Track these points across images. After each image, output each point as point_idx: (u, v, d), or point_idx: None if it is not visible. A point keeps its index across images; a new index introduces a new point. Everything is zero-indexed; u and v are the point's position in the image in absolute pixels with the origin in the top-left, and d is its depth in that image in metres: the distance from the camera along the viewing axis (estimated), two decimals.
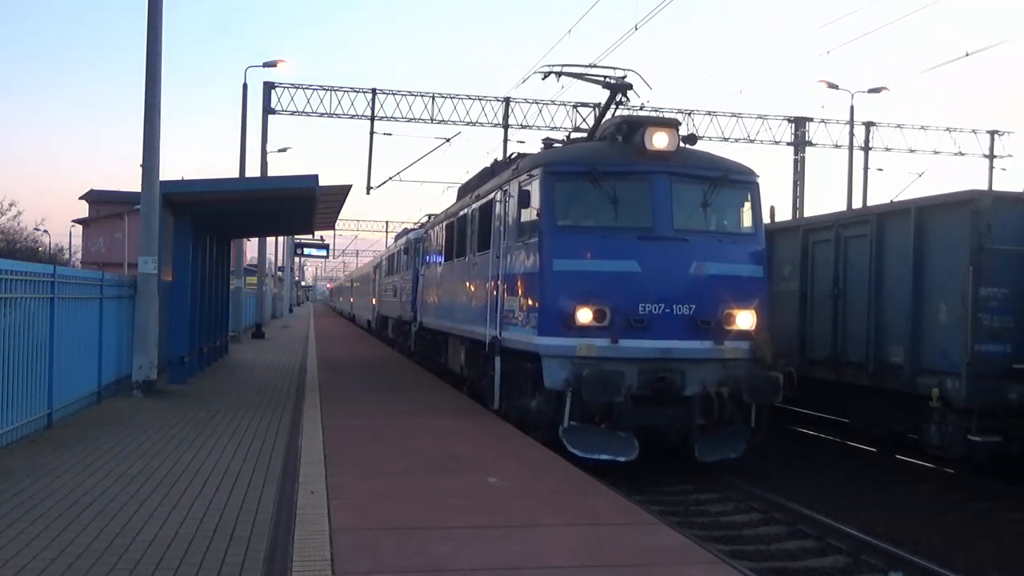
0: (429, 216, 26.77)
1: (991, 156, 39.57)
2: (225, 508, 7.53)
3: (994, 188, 23.27)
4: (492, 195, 14.10)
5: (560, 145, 13.92)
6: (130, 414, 13.00)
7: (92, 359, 13.66)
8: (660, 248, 11.24)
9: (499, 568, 6.03)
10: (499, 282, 13.13)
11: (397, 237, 34.14)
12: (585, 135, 14.61)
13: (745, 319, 11.40)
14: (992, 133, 39.71)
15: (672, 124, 11.86)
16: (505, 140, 35.35)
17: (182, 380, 17.11)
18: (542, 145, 14.38)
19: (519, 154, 14.75)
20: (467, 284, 15.94)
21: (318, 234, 43.46)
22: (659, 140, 11.50)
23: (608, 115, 13.66)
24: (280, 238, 50.02)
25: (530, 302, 11.63)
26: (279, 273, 60.24)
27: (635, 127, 11.86)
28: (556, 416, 10.97)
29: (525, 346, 11.74)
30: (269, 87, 34.59)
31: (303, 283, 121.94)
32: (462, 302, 16.35)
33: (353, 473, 9.01)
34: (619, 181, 11.47)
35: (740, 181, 12.05)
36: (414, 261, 24.91)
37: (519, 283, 12.19)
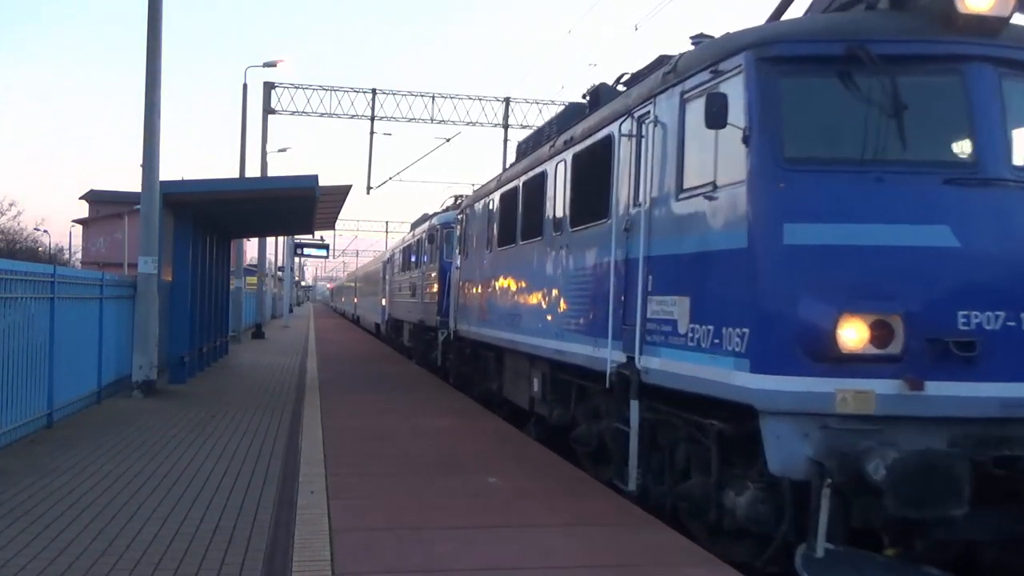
0: (457, 198, 23.08)
1: None
2: (225, 508, 7.52)
3: None
4: (608, 130, 9.15)
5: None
6: (130, 414, 12.99)
7: (92, 359, 13.66)
8: (993, 202, 6.27)
9: (499, 568, 6.03)
10: (632, 271, 8.12)
11: (415, 225, 29.16)
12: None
13: None
14: None
15: None
16: (505, 140, 35.36)
17: (182, 380, 17.12)
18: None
19: (665, 56, 8.85)
20: (550, 276, 10.80)
21: (318, 234, 43.42)
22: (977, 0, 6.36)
23: None
24: (280, 238, 50.02)
25: (726, 306, 6.63)
26: (279, 273, 60.23)
27: None
28: (789, 529, 6.27)
29: (709, 388, 6.76)
30: (269, 87, 34.59)
31: (303, 283, 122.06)
32: (538, 305, 11.31)
33: (353, 473, 9.01)
34: (906, 74, 6.43)
35: None
36: (441, 252, 20.79)
37: (689, 270, 7.17)
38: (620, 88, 9.89)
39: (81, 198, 79.85)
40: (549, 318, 10.77)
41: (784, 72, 6.56)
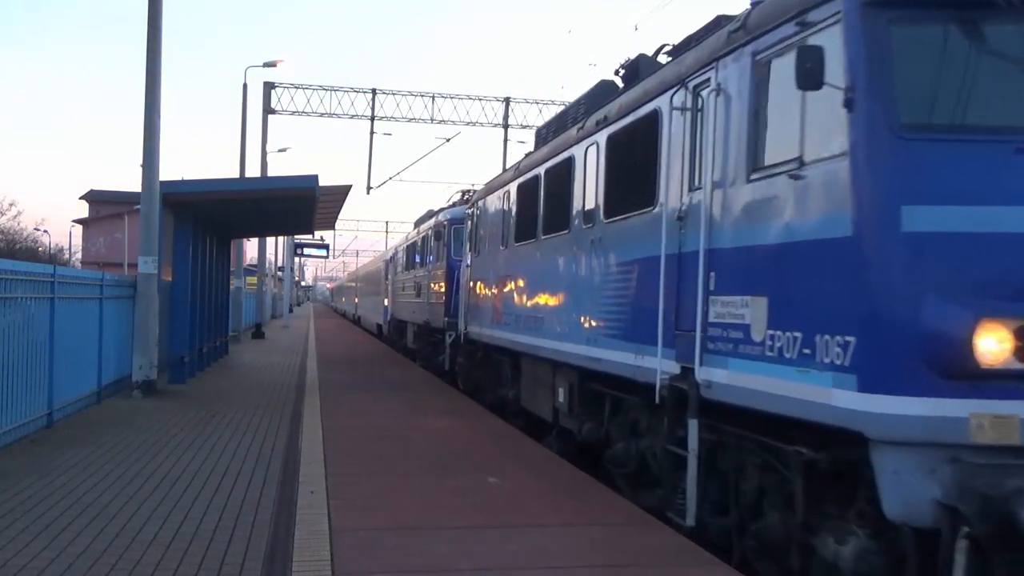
0: (465, 193, 22.08)
1: None
2: (225, 508, 7.52)
3: None
4: (654, 105, 7.98)
5: None
6: (130, 414, 12.99)
7: (92, 359, 13.66)
8: None
9: (499, 568, 6.02)
10: (688, 267, 7.08)
11: (419, 221, 27.46)
12: None
13: None
14: None
15: None
16: (505, 140, 35.39)
17: (182, 380, 17.12)
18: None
19: (724, 16, 7.68)
20: (579, 274, 9.74)
21: (318, 234, 43.42)
22: None
23: None
24: (280, 238, 50.02)
25: (820, 308, 5.48)
26: (279, 273, 60.24)
27: None
28: None
29: (797, 408, 5.63)
30: (269, 87, 34.60)
31: (303, 283, 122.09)
32: (564, 306, 10.24)
33: (353, 473, 9.00)
34: None
35: None
36: (449, 249, 19.79)
37: (767, 266, 6.07)
38: (663, 59, 8.84)
39: (81, 198, 79.96)
40: (578, 321, 9.62)
41: (897, 18, 5.30)
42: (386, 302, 33.69)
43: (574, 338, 9.74)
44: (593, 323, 9.22)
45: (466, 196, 21.37)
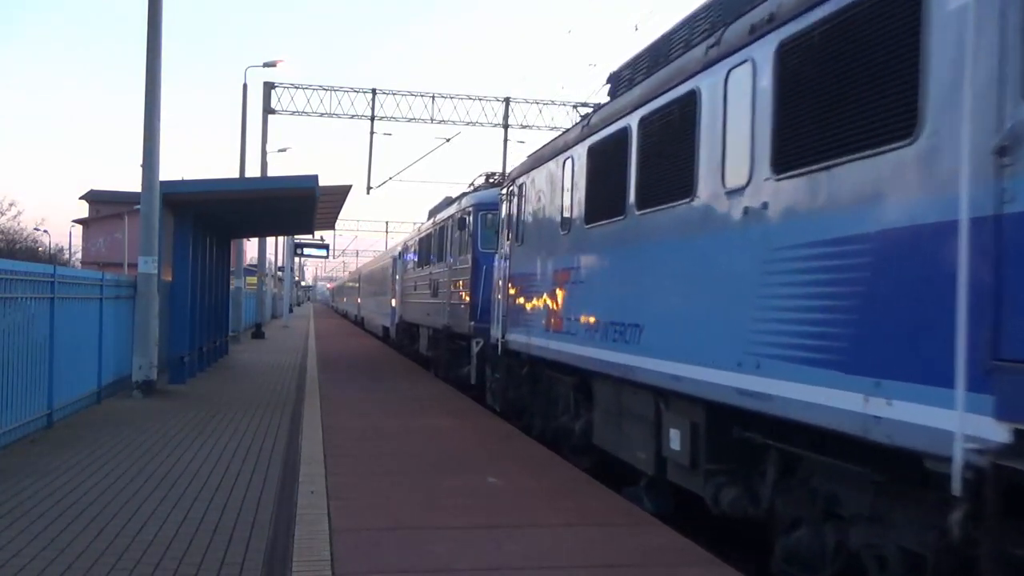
0: (490, 176, 19.27)
1: None
2: (225, 508, 7.52)
3: None
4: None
5: None
6: (130, 414, 12.99)
7: (92, 359, 13.66)
8: None
9: (499, 568, 6.02)
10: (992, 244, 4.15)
11: (434, 211, 23.77)
12: None
13: None
14: None
15: None
16: (505, 140, 35.39)
17: (182, 380, 17.11)
18: None
19: None
20: (715, 261, 6.83)
21: (318, 234, 43.44)
22: None
23: None
24: (280, 238, 50.03)
25: None
26: (279, 273, 60.26)
27: None
28: None
29: None
30: (269, 87, 34.61)
31: (303, 283, 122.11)
32: (685, 308, 7.28)
33: (353, 473, 9.00)
34: None
35: None
36: (475, 240, 16.95)
37: None
38: None
39: (81, 198, 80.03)
40: (719, 331, 6.58)
41: None
42: (393, 303, 31.21)
43: (708, 357, 6.70)
44: (756, 336, 6.08)
45: (492, 179, 18.96)
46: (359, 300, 51.55)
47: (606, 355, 8.89)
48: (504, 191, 14.01)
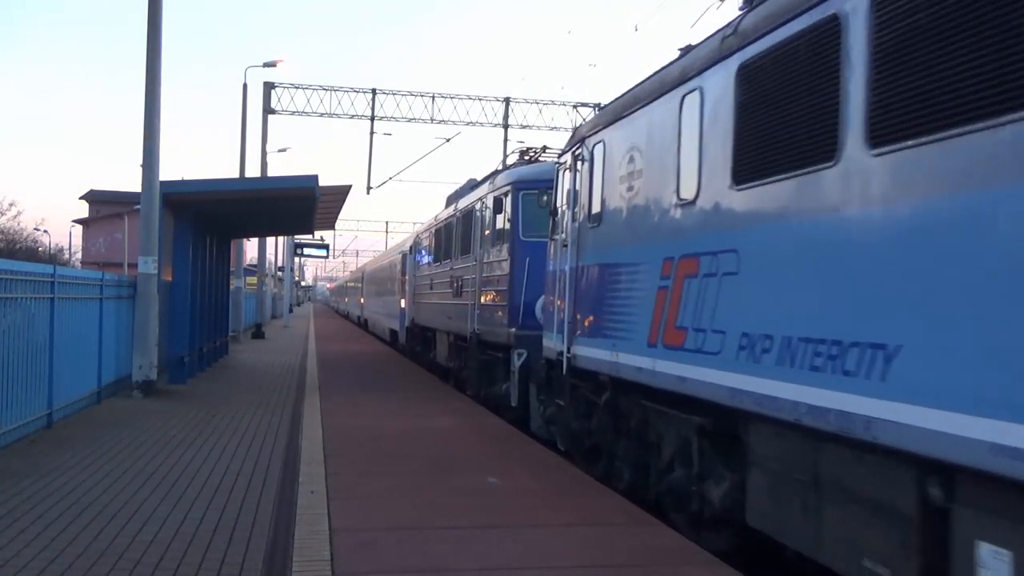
0: (526, 152, 15.97)
1: None
2: (225, 508, 7.52)
3: None
4: None
5: None
6: (130, 414, 12.99)
7: (92, 359, 13.66)
8: None
9: (499, 568, 6.02)
10: None
11: (454, 197, 20.88)
12: None
13: None
14: None
15: None
16: (505, 140, 35.40)
17: (182, 380, 17.11)
18: None
19: None
20: None
21: (318, 234, 43.44)
22: None
23: None
24: (280, 238, 50.03)
25: None
26: (279, 273, 60.26)
27: None
28: None
29: None
30: (269, 87, 34.61)
31: (303, 283, 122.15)
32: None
33: (353, 473, 9.00)
34: None
35: None
36: (516, 227, 13.67)
37: None
38: None
39: (81, 198, 79.95)
40: None
41: None
42: (402, 303, 27.43)
43: None
44: None
45: (530, 155, 15.79)
46: (362, 300, 47.45)
47: (791, 391, 5.53)
48: (566, 157, 10.67)
